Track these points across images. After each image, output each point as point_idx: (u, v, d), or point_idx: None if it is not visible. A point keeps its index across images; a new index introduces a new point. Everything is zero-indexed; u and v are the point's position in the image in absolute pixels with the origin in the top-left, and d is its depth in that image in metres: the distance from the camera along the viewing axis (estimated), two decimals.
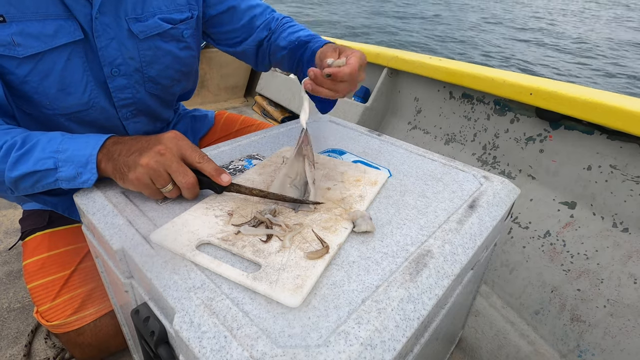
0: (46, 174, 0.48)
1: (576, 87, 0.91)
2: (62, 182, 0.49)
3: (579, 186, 0.91)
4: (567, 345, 0.81)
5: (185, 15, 0.67)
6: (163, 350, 0.38)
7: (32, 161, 0.47)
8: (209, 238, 0.42)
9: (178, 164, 0.46)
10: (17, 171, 0.47)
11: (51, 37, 0.54)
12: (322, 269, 0.38)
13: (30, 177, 0.48)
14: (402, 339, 0.33)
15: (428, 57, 1.31)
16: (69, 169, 0.48)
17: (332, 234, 0.43)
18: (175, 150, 0.47)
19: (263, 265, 0.38)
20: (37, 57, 0.55)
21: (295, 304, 0.34)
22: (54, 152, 0.48)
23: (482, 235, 0.47)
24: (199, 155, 0.48)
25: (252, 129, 0.94)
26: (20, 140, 0.48)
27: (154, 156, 0.46)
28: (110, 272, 0.49)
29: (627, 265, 0.79)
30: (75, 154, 0.48)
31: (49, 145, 0.48)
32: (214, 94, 2.31)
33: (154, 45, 0.65)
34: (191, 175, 0.47)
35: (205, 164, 0.48)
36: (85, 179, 0.48)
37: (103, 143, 0.49)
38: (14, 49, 0.53)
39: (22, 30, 0.52)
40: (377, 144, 0.69)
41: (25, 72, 0.55)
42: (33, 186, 0.49)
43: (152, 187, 0.47)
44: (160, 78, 0.69)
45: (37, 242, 0.72)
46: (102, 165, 0.49)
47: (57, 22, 0.54)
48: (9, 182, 0.49)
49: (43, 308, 0.67)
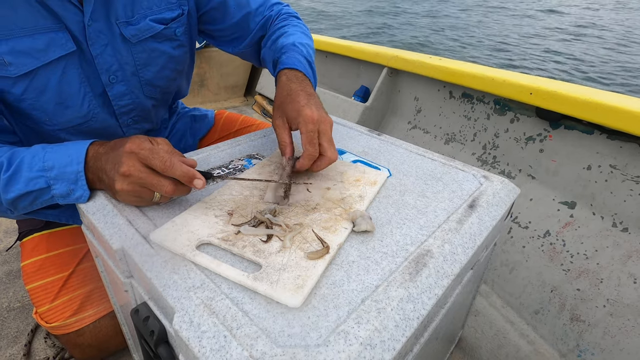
0: (41, 192, 0.47)
1: (576, 87, 0.91)
2: (58, 199, 0.48)
3: (578, 186, 0.91)
4: (566, 344, 0.81)
5: (177, 12, 0.65)
6: (163, 349, 0.38)
7: (22, 182, 0.46)
8: (209, 238, 0.41)
9: (148, 178, 0.44)
10: (12, 193, 0.47)
11: (43, 52, 0.52)
12: (323, 269, 0.38)
13: (26, 197, 0.48)
14: (401, 339, 0.33)
15: (428, 57, 1.31)
16: (61, 186, 0.47)
17: (332, 233, 0.43)
18: (138, 166, 0.44)
19: (264, 266, 0.38)
20: (31, 74, 0.53)
21: (297, 304, 0.34)
22: (41, 170, 0.47)
23: (482, 234, 0.47)
24: (162, 162, 0.44)
25: (252, 129, 0.94)
26: (7, 161, 0.47)
27: (122, 180, 0.44)
28: (110, 271, 0.49)
29: (626, 265, 0.79)
30: (62, 171, 0.47)
31: (34, 161, 0.47)
32: (214, 93, 2.31)
33: (147, 47, 0.63)
34: (167, 184, 0.44)
35: (172, 170, 0.44)
36: (78, 195, 0.48)
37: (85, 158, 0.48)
38: (5, 69, 0.51)
39: (12, 48, 0.50)
40: (377, 143, 0.69)
41: (20, 90, 0.53)
42: (32, 204, 0.49)
43: (143, 200, 0.47)
44: (157, 79, 0.68)
45: (35, 243, 0.72)
46: (92, 180, 0.48)
47: (47, 35, 0.52)
48: (6, 204, 0.48)
49: (42, 309, 0.66)
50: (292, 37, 0.66)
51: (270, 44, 0.69)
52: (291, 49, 0.63)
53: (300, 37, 0.67)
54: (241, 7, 0.71)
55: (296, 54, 0.62)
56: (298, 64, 0.60)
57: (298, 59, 0.61)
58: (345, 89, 1.75)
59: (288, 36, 0.67)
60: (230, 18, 0.71)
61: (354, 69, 1.70)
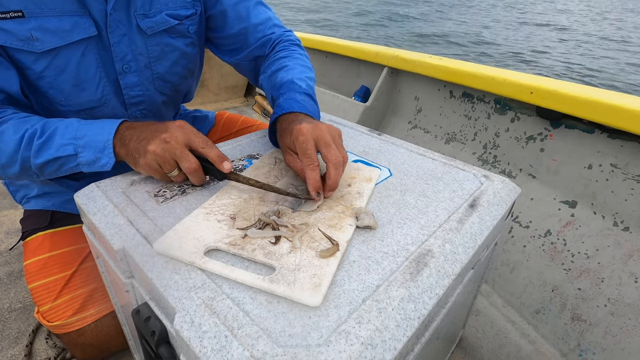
0: (68, 159, 0.52)
1: (577, 86, 0.90)
2: (82, 166, 0.52)
3: (579, 185, 0.91)
4: (568, 344, 0.81)
5: (190, 11, 0.68)
6: (164, 350, 0.38)
7: (54, 148, 0.51)
8: (216, 244, 0.41)
9: (182, 151, 0.49)
10: (42, 158, 0.51)
11: (68, 33, 0.56)
12: (336, 267, 0.38)
13: (54, 163, 0.52)
14: (402, 339, 0.33)
15: (428, 56, 1.31)
16: (88, 154, 0.51)
17: (338, 231, 0.43)
18: (180, 138, 0.49)
19: (277, 267, 0.38)
20: (54, 52, 0.56)
21: (316, 303, 0.34)
22: (73, 139, 0.51)
23: (483, 234, 0.47)
24: (203, 141, 0.50)
25: (252, 129, 0.94)
26: (40, 128, 0.52)
27: (160, 144, 0.49)
28: (111, 272, 0.49)
29: (627, 264, 0.79)
30: (92, 139, 0.51)
31: (67, 131, 0.52)
32: (214, 94, 2.31)
33: (161, 41, 0.66)
34: (194, 161, 0.49)
35: (208, 149, 0.50)
36: (104, 162, 0.52)
37: (117, 128, 0.52)
38: (32, 44, 0.54)
39: (40, 25, 0.54)
40: (378, 143, 0.69)
41: (41, 67, 0.57)
42: (57, 171, 0.54)
43: (161, 171, 0.51)
44: (169, 75, 0.70)
45: (38, 242, 0.72)
46: (117, 150, 0.52)
47: (73, 18, 0.56)
48: (35, 168, 0.53)
49: (44, 308, 0.67)
50: (292, 73, 0.66)
51: (270, 74, 0.70)
52: (289, 89, 0.63)
53: (299, 72, 0.67)
54: (241, 19, 0.73)
55: (294, 93, 0.62)
56: (295, 105, 0.58)
57: (295, 99, 0.60)
58: (345, 89, 1.75)
59: (287, 71, 0.67)
60: (229, 28, 0.74)
61: (354, 69, 1.70)
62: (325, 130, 0.51)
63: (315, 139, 0.49)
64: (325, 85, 1.87)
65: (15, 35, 0.53)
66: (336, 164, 0.48)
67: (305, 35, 1.89)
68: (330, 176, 0.48)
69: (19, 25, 0.53)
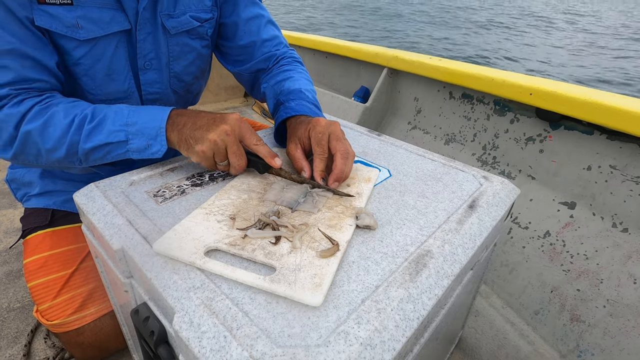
0: (118, 145, 0.53)
1: (576, 88, 0.91)
2: (132, 153, 0.54)
3: (578, 186, 0.91)
4: (566, 345, 0.81)
5: (209, 15, 0.72)
6: (163, 350, 0.38)
7: (104, 133, 0.52)
8: (217, 244, 0.41)
9: (237, 147, 0.52)
10: (91, 143, 0.53)
11: (107, 24, 0.59)
12: (337, 267, 0.38)
13: (103, 149, 0.53)
14: (401, 339, 0.33)
15: (428, 57, 1.31)
16: (140, 140, 0.53)
17: (338, 231, 0.43)
18: (237, 133, 0.52)
19: (278, 268, 0.38)
20: (93, 41, 0.59)
21: (317, 303, 0.34)
22: (124, 125, 0.53)
23: (482, 235, 0.47)
24: (257, 139, 0.53)
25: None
26: (90, 114, 0.53)
27: (220, 134, 0.50)
28: (110, 272, 0.49)
29: (626, 265, 0.79)
30: (144, 126, 0.53)
31: (117, 118, 0.53)
32: (214, 94, 2.31)
33: (181, 41, 0.69)
34: (244, 160, 0.53)
35: (261, 147, 0.53)
36: (155, 150, 0.53)
37: (169, 114, 0.54)
38: (76, 31, 0.57)
39: (85, 14, 0.57)
40: (377, 144, 0.69)
41: (80, 54, 0.59)
42: (104, 157, 0.54)
43: (212, 160, 0.52)
44: (184, 74, 0.73)
45: (38, 240, 0.72)
46: (169, 135, 0.53)
47: (111, 11, 0.59)
48: (82, 153, 0.54)
49: (43, 307, 0.66)
50: (298, 83, 0.71)
51: (275, 82, 0.73)
52: (298, 96, 0.68)
53: (305, 84, 0.72)
54: (251, 34, 0.77)
55: (304, 101, 0.67)
56: (307, 110, 0.64)
57: (307, 106, 0.65)
58: (345, 90, 1.75)
59: (294, 81, 0.72)
60: (238, 39, 0.77)
61: (354, 69, 1.71)
62: (339, 127, 0.56)
63: (329, 133, 0.54)
64: (325, 85, 1.87)
65: (62, 22, 0.55)
66: (344, 154, 0.52)
67: (306, 36, 1.89)
68: (337, 165, 0.52)
69: (67, 12, 0.55)
